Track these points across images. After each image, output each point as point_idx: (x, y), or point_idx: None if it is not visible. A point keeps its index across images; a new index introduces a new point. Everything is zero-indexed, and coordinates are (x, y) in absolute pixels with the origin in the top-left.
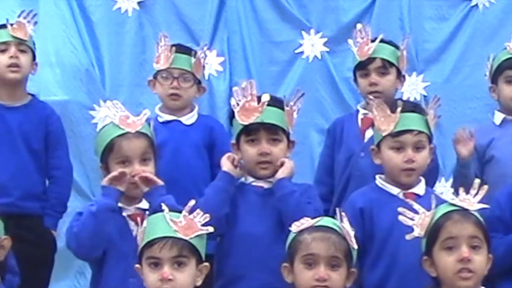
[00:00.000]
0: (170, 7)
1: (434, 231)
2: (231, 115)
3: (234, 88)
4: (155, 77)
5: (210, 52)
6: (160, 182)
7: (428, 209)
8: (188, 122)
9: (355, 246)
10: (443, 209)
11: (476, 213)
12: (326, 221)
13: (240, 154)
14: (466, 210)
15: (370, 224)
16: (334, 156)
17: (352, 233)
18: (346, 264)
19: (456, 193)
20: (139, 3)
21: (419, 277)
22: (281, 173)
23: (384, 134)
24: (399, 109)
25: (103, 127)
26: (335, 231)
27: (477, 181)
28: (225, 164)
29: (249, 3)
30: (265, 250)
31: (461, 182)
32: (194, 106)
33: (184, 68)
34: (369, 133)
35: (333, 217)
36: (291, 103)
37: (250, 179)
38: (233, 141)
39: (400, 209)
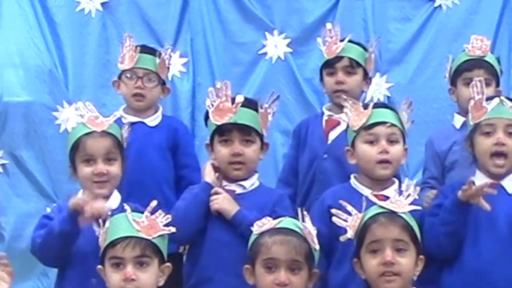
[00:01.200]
0: (134, 8)
1: (361, 234)
2: (206, 116)
3: (210, 89)
4: (119, 77)
5: (173, 53)
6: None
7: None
8: (152, 124)
9: (317, 247)
10: (372, 211)
11: (405, 216)
12: (287, 222)
13: (214, 154)
14: (394, 212)
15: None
16: (299, 158)
17: (314, 232)
18: (307, 266)
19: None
20: (102, 4)
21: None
22: (227, 214)
23: (357, 128)
24: (371, 104)
25: (75, 126)
26: (296, 233)
27: (409, 182)
28: (209, 175)
29: (213, 4)
30: (234, 254)
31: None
32: (158, 107)
33: (149, 68)
34: (332, 134)
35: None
36: (266, 105)
37: (223, 183)
38: (207, 141)
39: (333, 211)
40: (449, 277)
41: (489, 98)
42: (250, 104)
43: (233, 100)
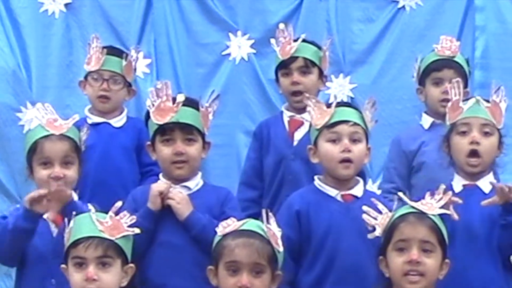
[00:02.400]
0: (97, 9)
1: (389, 232)
2: (147, 117)
3: (150, 89)
4: (85, 78)
5: (138, 55)
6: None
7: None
8: (117, 125)
9: (281, 249)
10: (402, 210)
11: (434, 218)
12: (250, 224)
13: (155, 155)
14: (424, 213)
15: (307, 226)
16: (263, 160)
17: (278, 234)
18: (270, 269)
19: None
20: (66, 5)
21: (356, 278)
22: (182, 214)
23: (319, 126)
24: (334, 103)
25: (33, 128)
26: (260, 236)
27: (442, 186)
28: (154, 202)
29: (176, 5)
30: (187, 258)
31: None
32: (123, 109)
33: (115, 70)
34: (297, 135)
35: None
36: (206, 104)
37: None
38: (148, 142)
39: (364, 208)
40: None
41: (465, 98)
42: (191, 103)
43: (173, 99)
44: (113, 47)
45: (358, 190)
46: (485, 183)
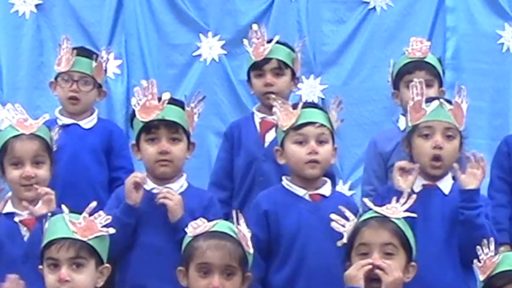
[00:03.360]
0: (68, 10)
1: (352, 237)
2: (132, 116)
3: (136, 88)
4: (56, 79)
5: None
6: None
7: (334, 211)
8: (87, 126)
9: (251, 251)
10: (365, 215)
11: (398, 221)
12: (221, 226)
13: (140, 155)
14: (386, 217)
15: (276, 226)
16: (233, 160)
17: (248, 235)
18: (241, 271)
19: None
20: (36, 6)
21: (326, 277)
22: (176, 216)
23: (286, 128)
24: (300, 104)
25: (3, 129)
26: (231, 238)
27: (406, 190)
28: (131, 196)
29: (147, 6)
30: (167, 260)
31: None
32: (94, 110)
33: (85, 71)
34: (269, 137)
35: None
36: (192, 105)
37: (151, 185)
38: (133, 142)
39: (332, 216)
40: None
41: (428, 100)
42: (176, 102)
43: (159, 99)
44: (83, 48)
45: (326, 190)
46: (445, 184)
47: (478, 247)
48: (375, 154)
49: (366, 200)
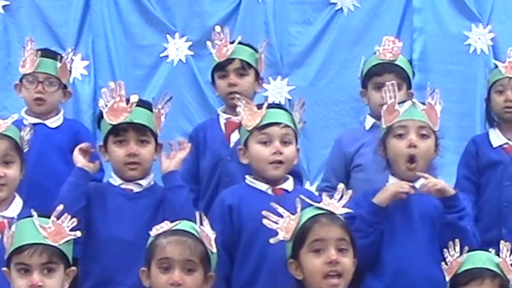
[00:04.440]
0: (35, 10)
1: (301, 234)
2: (99, 117)
3: (103, 90)
4: (21, 80)
5: (75, 56)
6: None
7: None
8: (53, 125)
9: (214, 250)
10: (310, 212)
11: (341, 217)
12: (184, 225)
13: (108, 156)
14: (333, 213)
15: (239, 220)
16: (199, 162)
17: (212, 236)
18: (202, 268)
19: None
20: (3, 6)
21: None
22: (171, 166)
23: (250, 128)
24: (265, 104)
25: None
26: (192, 235)
27: (341, 185)
28: (78, 160)
29: (114, 7)
30: (134, 254)
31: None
32: (60, 110)
33: (49, 72)
34: (234, 137)
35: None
36: (159, 106)
37: (119, 181)
38: (100, 143)
39: (264, 213)
40: (372, 280)
41: (401, 102)
42: (144, 104)
43: (127, 100)
44: (48, 49)
45: (288, 185)
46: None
47: (444, 249)
48: (339, 153)
49: (302, 197)
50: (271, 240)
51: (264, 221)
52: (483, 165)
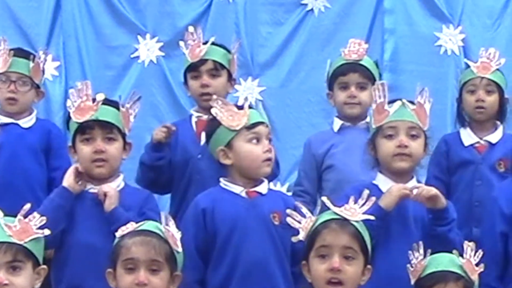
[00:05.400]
0: (6, 11)
1: (311, 237)
2: (68, 118)
3: (71, 90)
4: None
5: (47, 56)
6: None
7: (273, 208)
8: (26, 125)
9: (179, 250)
10: (325, 216)
11: (357, 224)
12: (149, 225)
13: (76, 156)
14: (346, 220)
15: (212, 224)
16: (170, 161)
17: (178, 236)
18: (168, 268)
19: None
20: None
21: (262, 274)
22: (109, 205)
23: (238, 128)
24: (246, 104)
25: None
26: (157, 235)
27: (366, 191)
28: (67, 179)
29: (85, 8)
30: (103, 259)
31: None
32: (33, 110)
33: (22, 72)
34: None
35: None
36: (127, 106)
37: (88, 185)
38: (70, 144)
39: (288, 211)
40: (365, 285)
41: (391, 102)
42: (111, 102)
43: (94, 99)
44: (20, 49)
45: (263, 188)
46: (413, 185)
47: (409, 252)
48: (309, 155)
49: (324, 199)
50: (293, 239)
51: (288, 219)
52: (454, 165)
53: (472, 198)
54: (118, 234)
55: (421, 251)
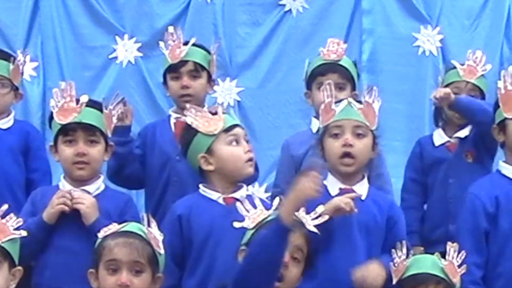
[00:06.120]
0: None
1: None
2: (50, 117)
3: (54, 90)
4: None
5: (26, 58)
6: None
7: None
8: (4, 126)
9: (161, 251)
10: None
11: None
12: (131, 226)
13: (57, 156)
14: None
15: (188, 231)
16: (146, 161)
17: (160, 238)
18: (150, 269)
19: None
20: None
21: None
22: (89, 218)
23: (217, 132)
24: (220, 108)
25: None
26: (139, 236)
27: (320, 207)
28: (49, 214)
29: (63, 8)
30: (82, 262)
31: None
32: (11, 111)
33: (2, 74)
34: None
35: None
36: (110, 107)
37: (68, 187)
38: (51, 143)
39: (240, 198)
40: (303, 284)
41: (338, 101)
42: (94, 104)
43: (77, 100)
44: (0, 50)
45: (241, 194)
46: (361, 188)
47: (393, 250)
48: (287, 156)
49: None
50: (235, 224)
51: (238, 204)
52: (428, 165)
53: (447, 195)
54: (100, 234)
55: (404, 250)
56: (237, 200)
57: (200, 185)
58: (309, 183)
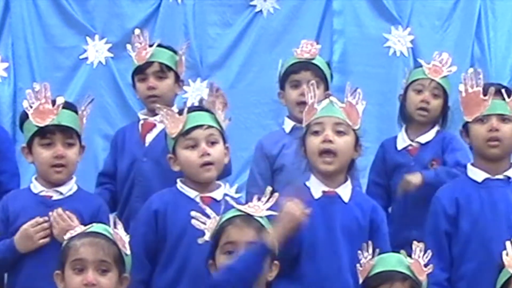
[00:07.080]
0: None
1: (216, 235)
2: (23, 118)
3: (27, 91)
4: None
5: None
6: None
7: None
8: None
9: (128, 252)
10: (229, 214)
11: (261, 220)
12: (97, 227)
13: (31, 158)
14: (250, 216)
15: (163, 226)
16: (117, 164)
17: (126, 239)
18: (116, 269)
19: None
20: None
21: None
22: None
23: (174, 136)
24: (185, 109)
25: None
26: (105, 236)
27: (268, 189)
28: (22, 244)
29: (34, 9)
30: (55, 263)
31: None
32: None
33: None
34: (149, 137)
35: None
36: (83, 108)
37: (39, 188)
38: (24, 145)
39: (192, 213)
40: (289, 285)
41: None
42: (70, 106)
43: (53, 102)
44: None
45: (218, 194)
46: (345, 191)
47: (359, 251)
48: (262, 156)
49: (228, 198)
50: (199, 240)
51: (193, 221)
52: (390, 168)
53: (407, 200)
54: (66, 236)
55: (370, 250)
56: (214, 199)
57: (178, 180)
58: (297, 208)
